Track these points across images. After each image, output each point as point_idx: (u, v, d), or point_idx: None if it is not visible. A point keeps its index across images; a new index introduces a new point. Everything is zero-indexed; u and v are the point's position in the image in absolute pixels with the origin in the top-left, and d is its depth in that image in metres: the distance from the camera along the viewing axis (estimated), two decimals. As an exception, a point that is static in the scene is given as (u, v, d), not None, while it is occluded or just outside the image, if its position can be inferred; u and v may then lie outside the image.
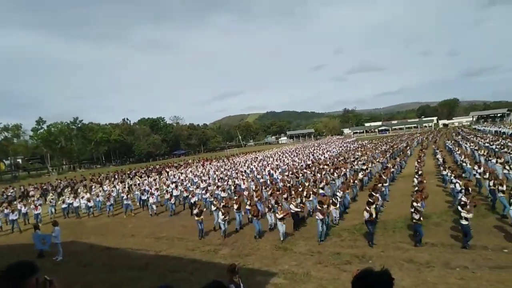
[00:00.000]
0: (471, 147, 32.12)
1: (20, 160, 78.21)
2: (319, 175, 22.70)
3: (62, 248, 13.42)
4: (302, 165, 31.90)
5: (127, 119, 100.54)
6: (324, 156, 40.83)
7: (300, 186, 19.14)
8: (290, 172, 25.86)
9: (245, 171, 31.90)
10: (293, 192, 17.05)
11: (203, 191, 20.84)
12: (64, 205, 22.21)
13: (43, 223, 19.06)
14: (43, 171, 66.28)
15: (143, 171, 43.40)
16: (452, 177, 15.97)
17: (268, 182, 23.41)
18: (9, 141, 66.76)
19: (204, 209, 16.94)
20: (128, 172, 43.08)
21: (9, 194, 31.31)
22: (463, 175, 20.02)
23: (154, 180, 31.89)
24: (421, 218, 11.26)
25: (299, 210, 14.16)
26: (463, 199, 11.48)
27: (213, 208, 15.53)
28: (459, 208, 10.91)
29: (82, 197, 23.14)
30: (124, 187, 27.43)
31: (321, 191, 17.29)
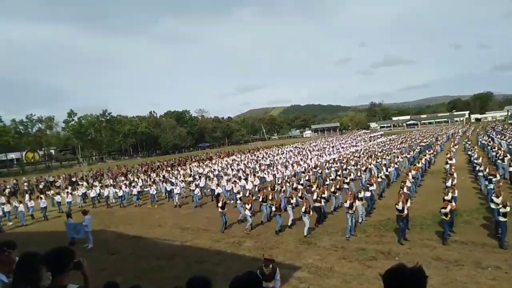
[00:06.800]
0: (508, 142, 30.69)
1: (53, 151, 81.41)
2: (344, 171, 22.39)
3: (92, 236, 13.93)
4: (326, 160, 31.51)
5: (154, 111, 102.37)
6: (350, 151, 40.17)
7: (324, 181, 18.90)
8: (314, 167, 25.63)
9: (268, 164, 31.79)
10: (315, 186, 16.76)
11: (226, 184, 21.12)
12: (93, 194, 22.98)
13: (72, 212, 19.85)
14: (74, 161, 68.77)
15: (167, 164, 43.88)
16: (486, 175, 15.34)
17: (292, 173, 23.38)
18: (43, 133, 69.80)
19: (228, 202, 16.90)
20: (159, 164, 43.78)
21: (41, 182, 32.90)
22: (498, 172, 19.19)
23: (178, 172, 32.39)
24: (447, 215, 10.74)
25: (321, 204, 13.98)
26: (495, 199, 10.98)
27: (238, 201, 15.50)
28: (493, 204, 10.49)
29: (107, 186, 23.98)
30: (149, 178, 28.06)
31: (345, 186, 17.06)
